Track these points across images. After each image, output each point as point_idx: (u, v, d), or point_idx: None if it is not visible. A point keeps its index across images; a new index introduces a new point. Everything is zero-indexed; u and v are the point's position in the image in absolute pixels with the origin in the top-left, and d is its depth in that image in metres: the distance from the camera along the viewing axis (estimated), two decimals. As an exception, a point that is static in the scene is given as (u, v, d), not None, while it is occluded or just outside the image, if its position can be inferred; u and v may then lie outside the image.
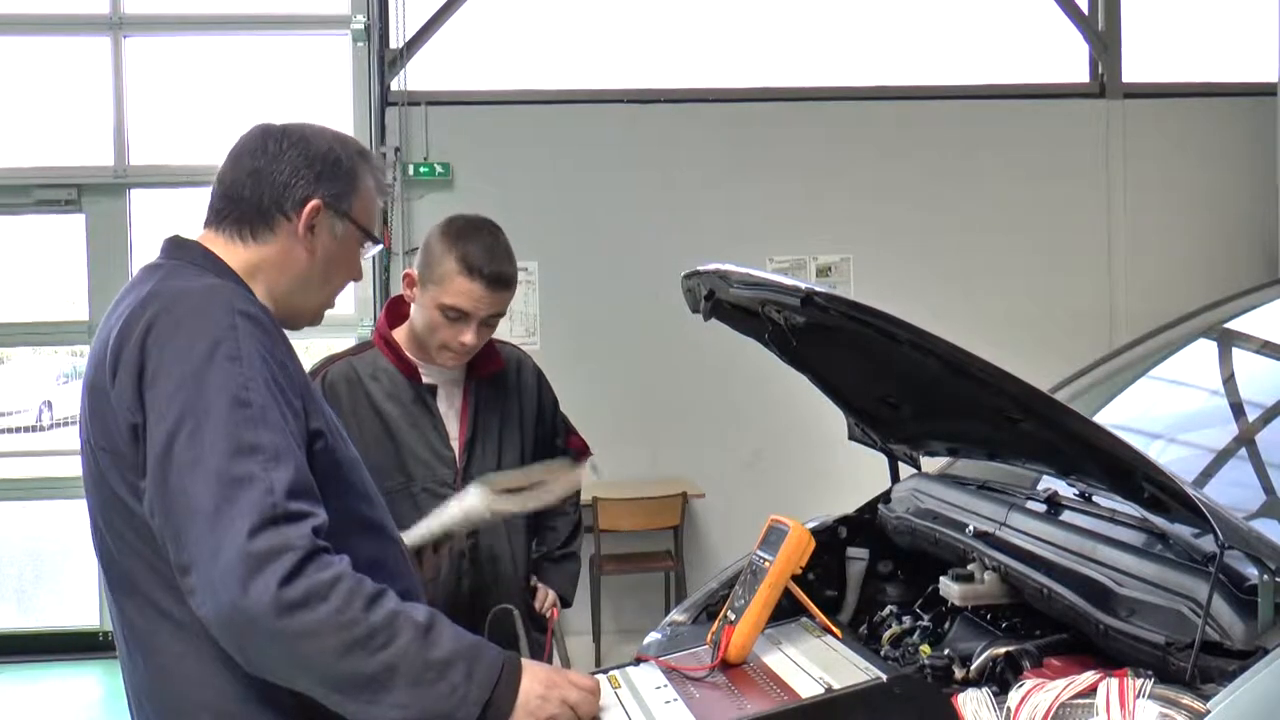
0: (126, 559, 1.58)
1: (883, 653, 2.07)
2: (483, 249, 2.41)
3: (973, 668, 1.84)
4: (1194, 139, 6.92)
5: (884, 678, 1.67)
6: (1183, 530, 1.80)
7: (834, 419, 2.63)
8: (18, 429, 7.41)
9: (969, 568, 2.13)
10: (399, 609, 1.48)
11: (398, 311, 2.60)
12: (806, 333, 2.15)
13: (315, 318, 1.81)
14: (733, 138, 6.69)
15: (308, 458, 1.54)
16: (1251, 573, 1.60)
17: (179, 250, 1.71)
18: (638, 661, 1.88)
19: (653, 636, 2.29)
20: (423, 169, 6.48)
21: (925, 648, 2.04)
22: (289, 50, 6.70)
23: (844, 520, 2.55)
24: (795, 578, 1.85)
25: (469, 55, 6.67)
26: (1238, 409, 2.68)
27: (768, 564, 1.84)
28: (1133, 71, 6.95)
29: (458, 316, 2.42)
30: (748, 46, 6.79)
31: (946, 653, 1.92)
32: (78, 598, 6.47)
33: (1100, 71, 6.97)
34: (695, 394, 6.61)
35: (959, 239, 6.75)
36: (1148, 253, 6.85)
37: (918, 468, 2.63)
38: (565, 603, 2.79)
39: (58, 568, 6.82)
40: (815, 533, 2.17)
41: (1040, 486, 2.31)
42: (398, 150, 6.44)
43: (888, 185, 6.72)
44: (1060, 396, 2.34)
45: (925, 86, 6.85)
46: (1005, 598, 2.06)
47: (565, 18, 6.75)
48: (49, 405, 7.63)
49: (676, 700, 1.68)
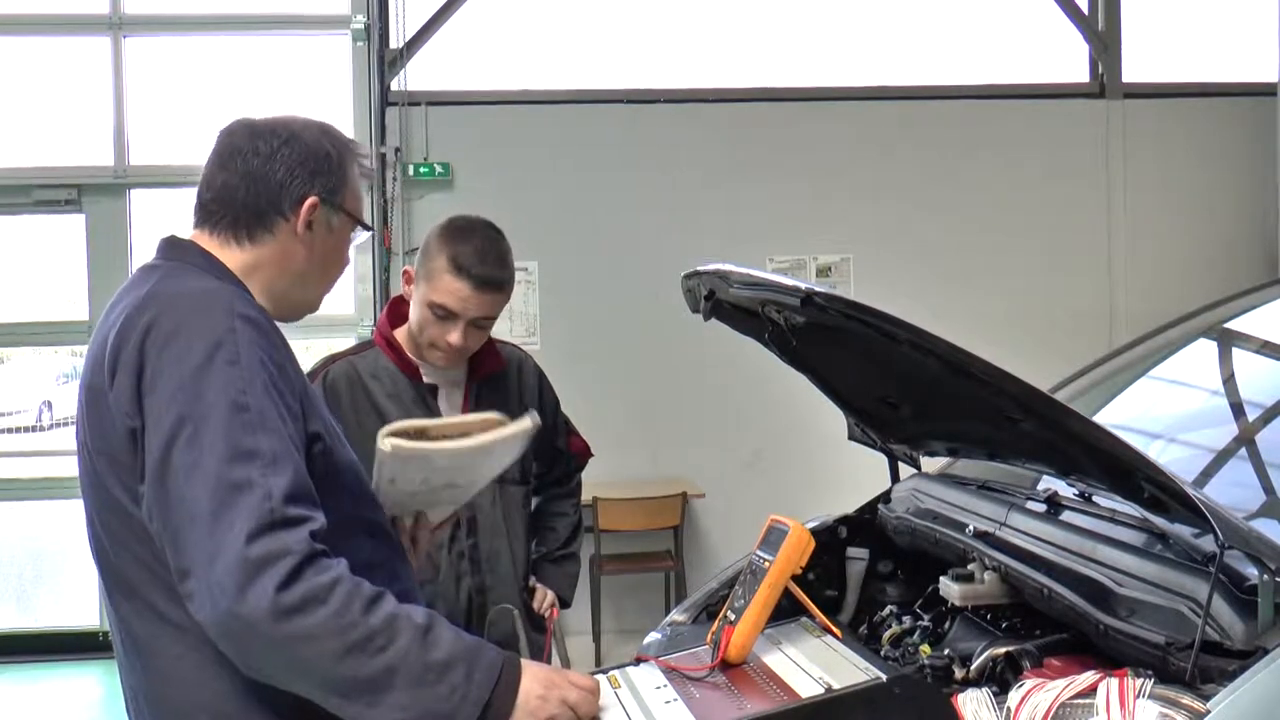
0: (124, 562, 1.58)
1: (883, 653, 2.07)
2: (474, 250, 2.41)
3: (973, 668, 1.84)
4: (1194, 139, 6.92)
5: (884, 678, 1.66)
6: (1183, 530, 1.80)
7: (834, 419, 2.63)
8: (18, 429, 7.40)
9: (969, 568, 2.13)
10: (398, 611, 1.47)
11: (399, 311, 2.60)
12: (806, 333, 2.15)
13: (315, 308, 1.81)
14: (733, 138, 6.68)
15: (306, 460, 1.54)
16: (1251, 573, 1.59)
17: (176, 251, 1.70)
18: (638, 661, 1.88)
19: (653, 636, 2.28)
20: (423, 169, 6.47)
21: (925, 648, 2.03)
22: (289, 50, 6.71)
23: (844, 520, 2.55)
24: (795, 578, 1.85)
25: (469, 55, 6.67)
26: (1238, 409, 2.68)
27: (768, 564, 1.84)
28: (1133, 71, 6.95)
29: (445, 315, 2.42)
30: (748, 46, 6.79)
31: (946, 653, 1.92)
32: (78, 598, 6.46)
33: (1100, 71, 6.97)
34: (695, 394, 6.60)
35: (959, 239, 6.75)
36: (1147, 253, 6.85)
37: (918, 468, 2.63)
38: (564, 603, 2.79)
39: (58, 568, 6.81)
40: (815, 533, 2.16)
41: (1040, 486, 2.31)
42: (398, 150, 6.44)
43: (888, 185, 6.72)
44: (1060, 396, 2.33)
45: (925, 86, 6.85)
46: (1005, 598, 2.06)
47: (565, 18, 6.75)
48: (49, 405, 7.62)
49: (676, 700, 1.68)
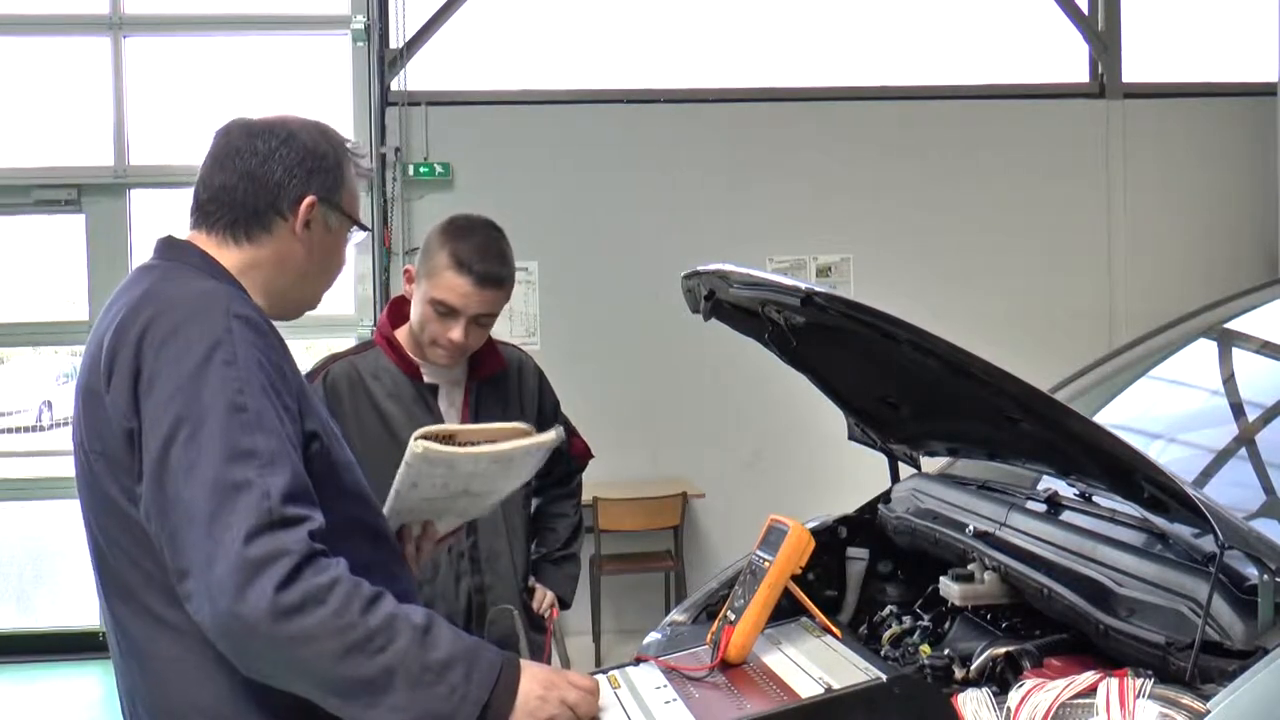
0: (120, 564, 1.57)
1: (883, 653, 2.07)
2: (475, 247, 2.42)
3: (973, 668, 1.84)
4: (1194, 139, 6.92)
5: (884, 678, 1.66)
6: (1183, 530, 1.80)
7: (834, 419, 2.63)
8: (18, 429, 7.40)
9: (969, 568, 2.13)
10: (397, 611, 1.47)
11: (400, 311, 2.60)
12: (806, 333, 2.14)
13: (314, 306, 1.82)
14: (733, 138, 6.68)
15: (303, 460, 1.54)
16: (1251, 573, 1.59)
17: (173, 251, 1.70)
18: (637, 661, 1.88)
19: (653, 636, 2.28)
20: (423, 169, 6.47)
21: (925, 648, 2.03)
22: (289, 50, 6.70)
23: (844, 520, 2.55)
24: (795, 578, 1.84)
25: (469, 55, 6.66)
26: (1238, 409, 2.68)
27: (767, 564, 1.83)
28: (1133, 71, 6.94)
29: (446, 312, 2.43)
30: (748, 46, 6.79)
31: (946, 653, 1.92)
32: (77, 598, 6.45)
33: (1100, 71, 6.97)
34: (695, 394, 6.60)
35: (959, 239, 6.74)
36: (1147, 253, 6.85)
37: (918, 468, 2.63)
38: (564, 604, 2.79)
39: (58, 568, 6.81)
40: (815, 533, 2.17)
41: (1040, 486, 2.30)
42: (398, 150, 6.44)
43: (888, 185, 6.72)
44: (1060, 396, 2.33)
45: (925, 86, 6.85)
46: (1005, 598, 2.06)
47: (565, 18, 6.75)
48: (49, 405, 7.62)
49: (676, 700, 1.68)
